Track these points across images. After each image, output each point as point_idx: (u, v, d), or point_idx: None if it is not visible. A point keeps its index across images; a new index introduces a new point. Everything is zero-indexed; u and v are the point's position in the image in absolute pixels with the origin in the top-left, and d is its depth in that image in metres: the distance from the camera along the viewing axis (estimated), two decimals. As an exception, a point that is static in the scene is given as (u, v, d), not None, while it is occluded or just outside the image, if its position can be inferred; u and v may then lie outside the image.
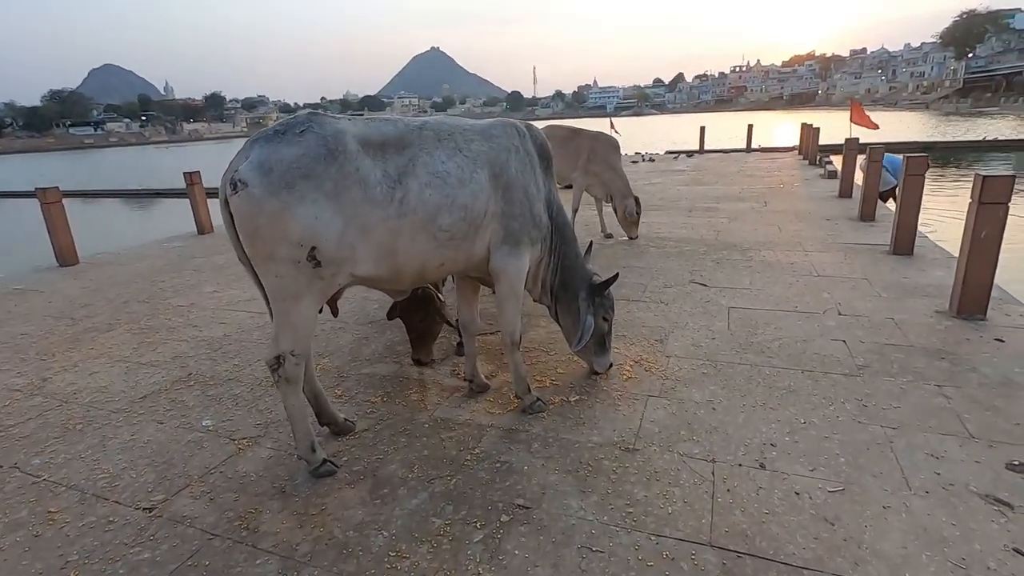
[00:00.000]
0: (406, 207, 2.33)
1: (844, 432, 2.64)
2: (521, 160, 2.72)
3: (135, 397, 3.38)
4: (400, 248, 2.38)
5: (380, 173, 2.29)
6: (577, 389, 3.19)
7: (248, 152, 2.14)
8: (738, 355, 3.51)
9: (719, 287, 4.84)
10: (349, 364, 3.70)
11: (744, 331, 3.88)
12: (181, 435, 2.93)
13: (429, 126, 2.51)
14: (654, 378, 3.27)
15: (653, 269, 5.51)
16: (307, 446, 2.47)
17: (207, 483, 2.51)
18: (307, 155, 2.13)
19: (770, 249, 6.00)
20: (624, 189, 6.67)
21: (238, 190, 2.08)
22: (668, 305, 4.48)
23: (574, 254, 3.06)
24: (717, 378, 3.23)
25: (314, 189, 2.13)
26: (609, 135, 6.95)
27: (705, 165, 15.17)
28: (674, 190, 10.81)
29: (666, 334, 3.91)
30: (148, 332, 4.47)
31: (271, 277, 2.21)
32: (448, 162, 2.46)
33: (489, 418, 2.95)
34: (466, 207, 2.49)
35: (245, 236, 2.16)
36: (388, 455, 2.66)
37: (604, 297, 3.07)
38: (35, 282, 6.23)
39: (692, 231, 7.11)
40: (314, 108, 31.70)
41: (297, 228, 2.12)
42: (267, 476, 2.54)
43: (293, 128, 2.18)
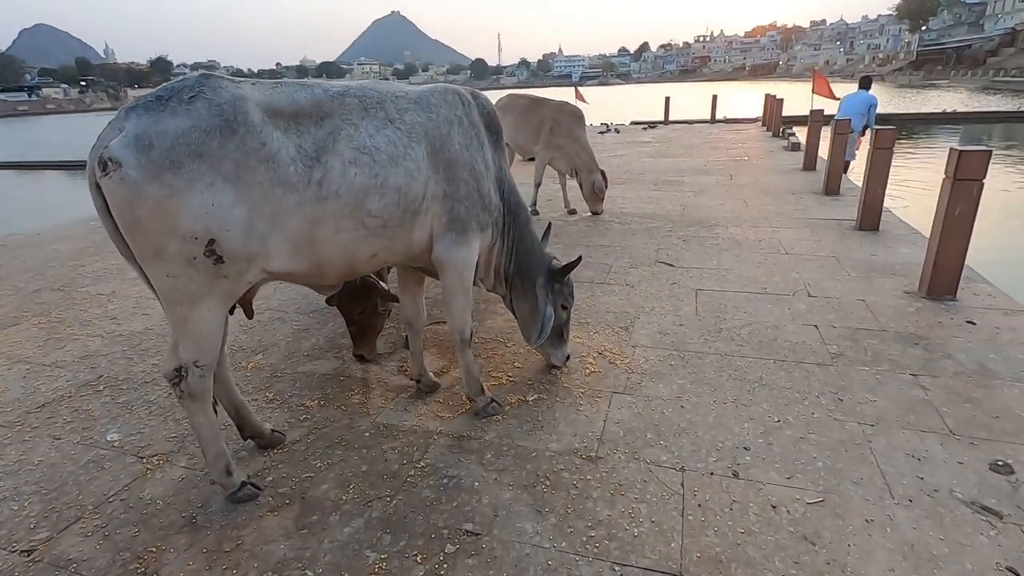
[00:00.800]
0: (326, 189, 1.96)
1: (821, 431, 2.45)
2: (466, 133, 2.37)
3: (31, 406, 2.94)
4: (321, 238, 2.01)
5: (293, 149, 1.90)
6: (536, 386, 2.92)
7: (123, 123, 1.72)
8: (707, 343, 3.30)
9: (686, 267, 4.62)
10: (285, 361, 3.33)
11: (713, 316, 3.66)
12: (80, 453, 2.53)
13: (353, 92, 2.11)
14: (619, 372, 3.03)
15: (618, 248, 5.25)
16: (221, 469, 2.13)
17: (103, 514, 2.15)
18: (198, 127, 1.73)
19: (737, 225, 5.81)
20: (590, 162, 6.36)
21: (109, 171, 1.68)
22: (634, 288, 4.24)
23: (530, 237, 2.74)
24: (685, 371, 3.01)
25: (209, 170, 1.75)
26: (573, 105, 6.58)
27: (670, 136, 14.96)
28: (639, 162, 10.56)
29: (632, 320, 3.66)
30: (58, 326, 3.98)
31: (162, 278, 1.82)
32: (377, 136, 2.09)
33: (438, 423, 2.65)
34: (400, 189, 2.13)
35: (124, 228, 1.77)
36: (321, 472, 2.34)
37: (563, 284, 2.79)
38: (-66, 268, 5.55)
39: (658, 206, 6.88)
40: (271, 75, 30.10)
41: (189, 218, 1.74)
42: (176, 503, 2.19)
43: (179, 94, 1.76)
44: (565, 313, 2.87)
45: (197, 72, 1.87)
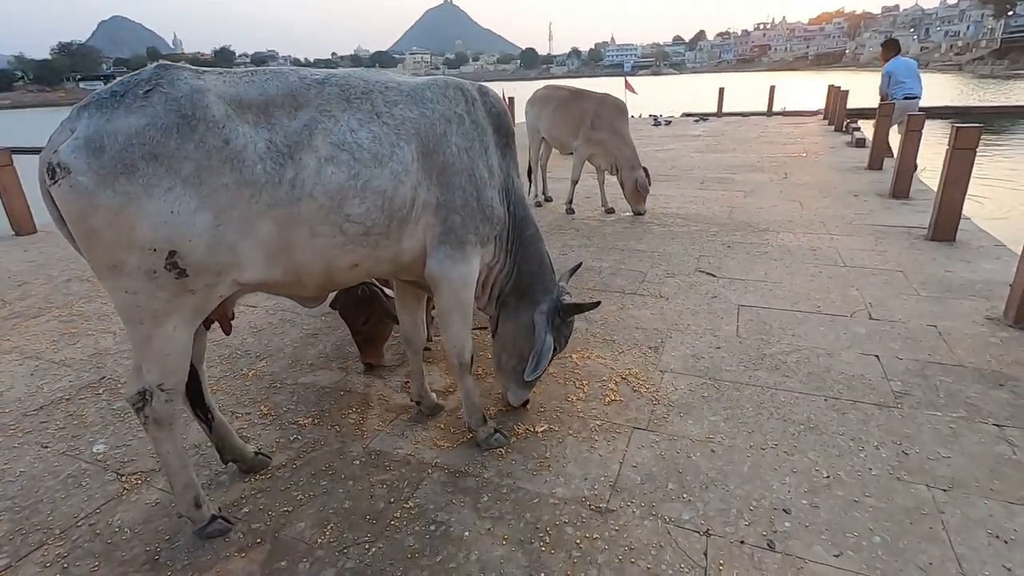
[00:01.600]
0: (299, 190, 1.72)
1: (880, 494, 2.06)
2: (466, 134, 2.07)
3: (30, 408, 2.87)
4: (296, 244, 1.78)
5: (263, 145, 1.67)
6: (548, 414, 2.62)
7: (74, 123, 1.52)
8: (747, 372, 2.91)
9: (729, 278, 4.20)
10: (287, 370, 3.16)
11: (756, 338, 3.26)
12: (62, 465, 2.42)
13: (335, 81, 1.86)
14: (643, 402, 2.69)
15: (655, 253, 4.85)
16: (189, 501, 1.94)
17: (68, 541, 2.00)
18: (153, 125, 1.53)
19: (790, 231, 5.30)
20: (632, 159, 5.96)
21: (58, 179, 1.49)
22: (668, 300, 3.86)
23: (537, 257, 2.41)
24: (720, 405, 2.64)
25: (167, 173, 1.54)
26: (616, 98, 6.17)
27: (723, 130, 14.18)
28: (687, 158, 9.99)
29: (663, 339, 3.30)
30: (77, 320, 3.96)
31: (120, 294, 1.63)
32: (360, 131, 1.83)
33: (434, 453, 2.40)
34: (384, 193, 1.86)
35: (79, 240, 1.58)
36: (301, 506, 2.13)
37: (566, 323, 2.44)
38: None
39: (703, 207, 6.40)
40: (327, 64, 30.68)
41: (147, 228, 1.54)
42: (144, 533, 2.03)
43: (135, 88, 1.56)
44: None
45: (155, 63, 1.66)
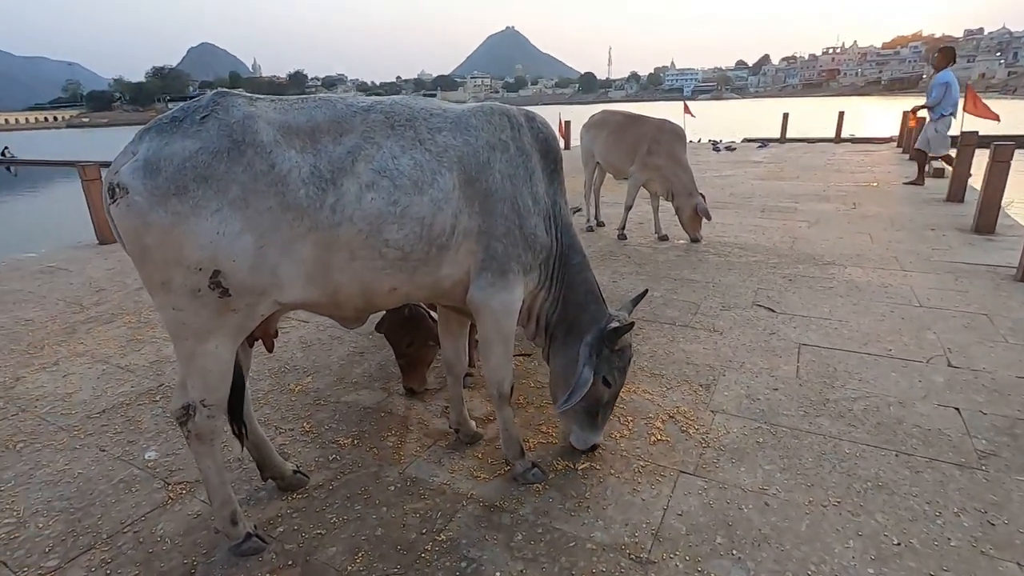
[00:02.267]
0: (340, 215, 1.74)
1: (960, 568, 1.83)
2: (511, 161, 2.05)
3: (93, 411, 3.02)
4: (335, 266, 1.80)
5: (308, 170, 1.71)
6: (589, 453, 2.51)
7: (136, 146, 1.62)
8: (808, 418, 2.71)
9: (790, 314, 3.97)
10: (332, 387, 3.19)
11: (818, 381, 3.04)
12: (116, 470, 2.51)
13: (380, 108, 1.89)
14: (691, 444, 2.54)
15: (711, 284, 4.66)
16: (226, 517, 1.96)
17: (114, 546, 2.06)
18: (205, 150, 1.59)
19: (858, 265, 4.98)
20: (690, 185, 5.81)
21: (117, 198, 1.57)
22: (723, 335, 3.68)
23: (583, 287, 2.32)
24: (776, 453, 2.46)
25: (215, 195, 1.60)
26: (674, 123, 6.06)
27: (786, 156, 13.68)
28: (747, 184, 9.66)
29: (715, 377, 3.14)
30: (143, 327, 4.17)
31: (168, 311, 1.69)
32: (402, 157, 1.84)
33: (470, 484, 2.34)
34: (423, 220, 1.86)
35: (133, 257, 1.66)
36: (334, 529, 2.11)
37: (616, 352, 2.29)
38: (68, 260, 6.18)
39: (763, 236, 6.14)
40: (391, 87, 32.01)
41: (194, 247, 1.60)
42: (183, 545, 2.06)
43: (193, 114, 1.64)
44: (607, 391, 2.30)
45: (214, 91, 1.74)
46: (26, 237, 11.68)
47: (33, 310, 4.62)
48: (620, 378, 2.32)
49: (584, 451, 2.43)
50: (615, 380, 2.30)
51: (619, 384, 2.33)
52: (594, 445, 2.41)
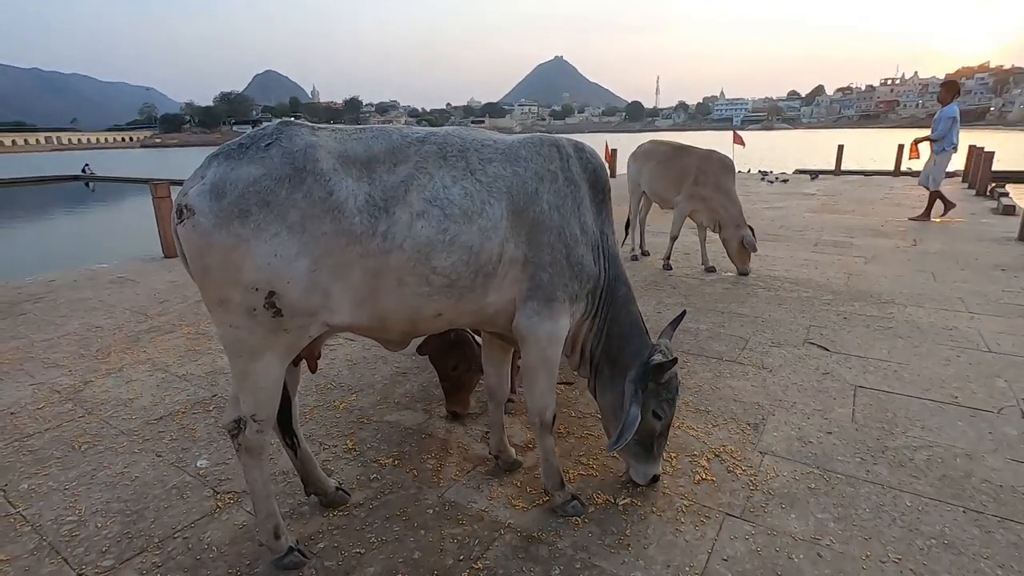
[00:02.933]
0: (391, 242, 1.79)
1: (1038, 643, 1.68)
2: (559, 191, 2.07)
3: (151, 417, 3.17)
4: (383, 291, 1.85)
5: (363, 198, 1.77)
6: (631, 487, 2.45)
7: (205, 170, 1.72)
8: (864, 466, 2.57)
9: (845, 354, 3.80)
10: (375, 406, 3.25)
11: (876, 427, 2.89)
12: (170, 476, 2.62)
13: (434, 139, 1.95)
14: (738, 485, 2.45)
15: (759, 319, 4.53)
16: (269, 531, 2.01)
17: (164, 551, 2.14)
18: (269, 176, 1.68)
19: (919, 305, 4.74)
20: (737, 217, 5.71)
21: (184, 218, 1.67)
22: (772, 373, 3.55)
23: (628, 319, 2.31)
24: (829, 500, 2.34)
25: (275, 219, 1.67)
26: (722, 154, 6.00)
27: (840, 189, 13.27)
28: (799, 217, 9.41)
29: (764, 417, 3.02)
30: (201, 339, 4.37)
31: (225, 328, 1.77)
32: (453, 187, 1.89)
33: (509, 513, 2.32)
34: (471, 248, 1.90)
35: (195, 276, 1.75)
36: (372, 549, 2.13)
37: (662, 385, 2.24)
38: (136, 272, 6.57)
39: (816, 271, 5.93)
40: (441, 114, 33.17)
41: (252, 268, 1.67)
42: (228, 555, 2.11)
43: (259, 141, 1.74)
44: (658, 424, 2.27)
45: (279, 120, 1.85)
46: (100, 249, 12.51)
47: (103, 318, 4.92)
48: (670, 409, 2.27)
49: (645, 484, 2.39)
50: (665, 412, 2.26)
51: (670, 415, 2.29)
52: (655, 476, 2.37)
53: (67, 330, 4.60)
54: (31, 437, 2.97)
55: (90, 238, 16.20)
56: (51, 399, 3.40)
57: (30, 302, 5.39)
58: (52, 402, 3.37)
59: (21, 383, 3.62)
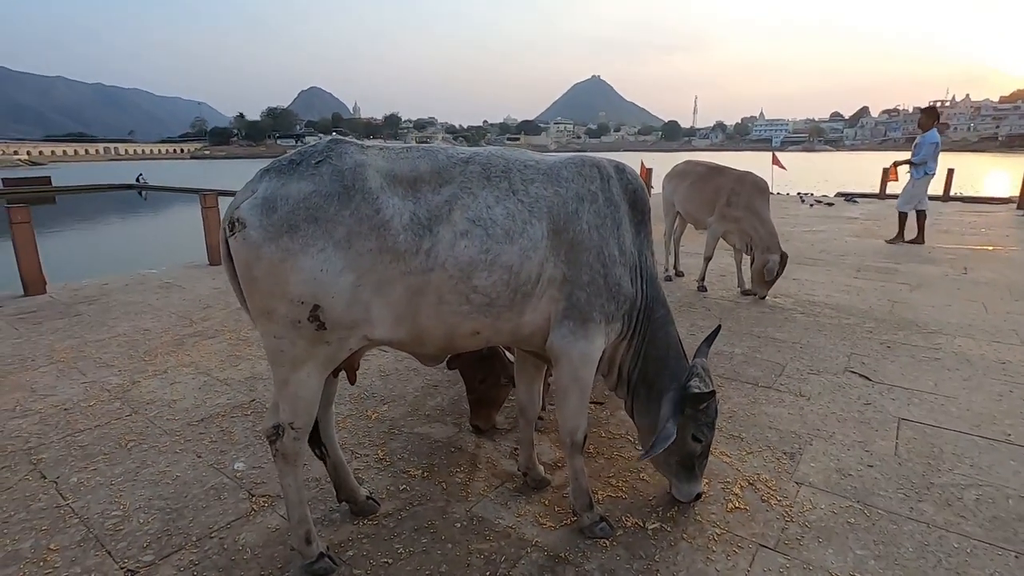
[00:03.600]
0: (433, 260, 1.83)
1: None
2: (599, 212, 2.09)
3: (193, 419, 3.29)
4: (423, 309, 1.89)
5: (408, 217, 1.82)
6: (661, 512, 2.42)
7: (256, 184, 1.80)
8: (908, 502, 2.46)
9: (887, 384, 3.67)
10: (406, 418, 3.29)
11: (921, 462, 2.77)
12: (208, 477, 2.70)
13: (479, 159, 1.99)
14: (772, 516, 2.38)
15: (797, 345, 4.42)
16: (301, 536, 2.05)
17: (201, 550, 2.21)
18: (318, 192, 1.74)
19: (969, 336, 4.54)
20: (768, 240, 5.59)
21: (236, 231, 1.74)
22: (810, 401, 3.46)
23: (664, 342, 2.29)
24: (870, 537, 2.25)
25: (322, 235, 1.73)
26: (757, 176, 5.91)
27: (884, 213, 12.85)
28: (840, 241, 9.15)
29: (801, 446, 2.94)
30: (241, 344, 4.52)
31: (269, 338, 1.83)
32: (496, 207, 1.92)
33: (536, 531, 2.31)
34: (511, 268, 1.92)
35: (243, 287, 1.82)
36: (400, 560, 2.15)
37: (699, 411, 2.21)
38: (182, 278, 6.85)
39: (858, 298, 5.76)
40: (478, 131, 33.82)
41: (298, 282, 1.73)
42: (261, 557, 2.17)
43: (309, 158, 1.81)
44: (698, 446, 2.27)
45: (329, 138, 1.92)
46: (150, 254, 13.09)
47: (151, 321, 5.14)
48: (710, 432, 2.27)
49: (688, 503, 2.39)
50: (704, 436, 2.26)
51: (710, 437, 2.29)
52: (698, 494, 2.38)
53: (118, 331, 4.82)
54: (81, 433, 3.12)
55: (141, 244, 16.99)
56: (101, 397, 3.57)
57: (85, 304, 5.67)
58: (102, 400, 3.53)
59: (74, 380, 3.81)
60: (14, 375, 3.90)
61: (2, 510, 2.44)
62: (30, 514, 2.43)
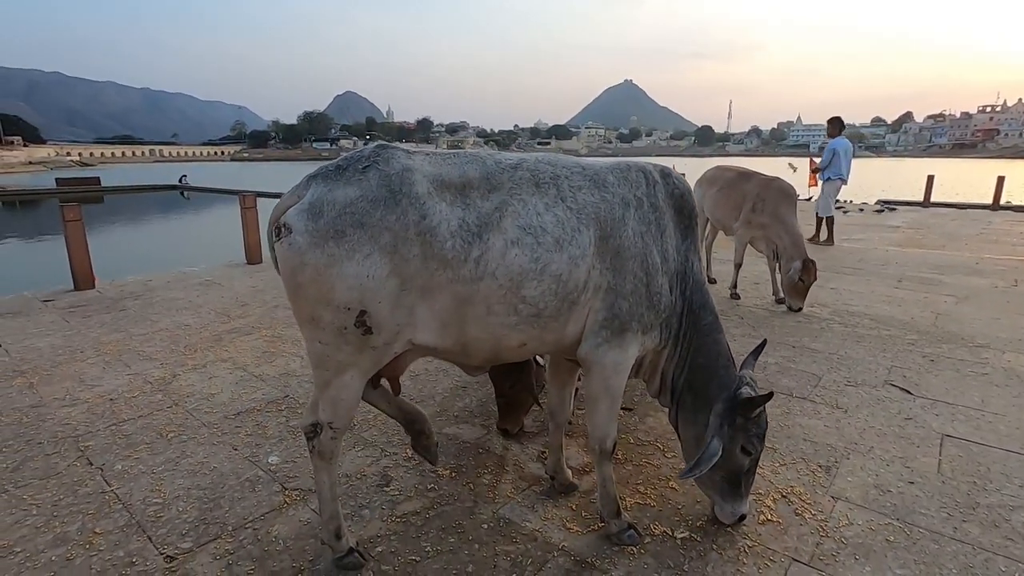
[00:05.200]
0: (483, 269, 1.82)
1: None
2: (644, 218, 2.07)
3: (230, 412, 3.39)
4: (470, 319, 1.88)
5: (456, 223, 1.81)
6: (690, 521, 2.38)
7: (303, 190, 1.82)
8: (951, 522, 2.37)
9: (930, 399, 3.53)
10: (434, 418, 3.32)
11: (966, 481, 2.66)
12: (244, 469, 2.78)
13: (527, 165, 1.98)
14: (806, 530, 2.32)
15: (834, 356, 4.30)
16: (332, 531, 2.09)
17: (236, 540, 2.27)
18: (365, 198, 1.74)
19: (1019, 351, 4.34)
20: (792, 248, 5.44)
21: (282, 236, 1.76)
22: (848, 413, 3.36)
23: (713, 350, 2.23)
24: (910, 556, 2.17)
25: (368, 241, 1.73)
26: (784, 181, 5.79)
27: (929, 222, 12.39)
28: (880, 251, 8.86)
29: (837, 459, 2.86)
30: (276, 341, 4.64)
31: (314, 343, 1.85)
32: (545, 214, 1.91)
33: (562, 535, 2.31)
34: (559, 277, 1.91)
35: (288, 292, 1.84)
36: (427, 558, 2.17)
37: (751, 420, 2.11)
38: (222, 276, 7.06)
39: (899, 309, 5.56)
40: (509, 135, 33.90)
41: (344, 289, 1.73)
42: (293, 550, 2.22)
43: (356, 163, 1.82)
44: (747, 459, 2.15)
45: (376, 143, 1.95)
46: (191, 253, 13.54)
47: (191, 317, 5.32)
48: (760, 444, 2.16)
49: (731, 524, 2.29)
50: (755, 448, 2.14)
51: (759, 450, 2.18)
52: (742, 516, 2.26)
53: (160, 326, 5.00)
54: (126, 422, 3.25)
55: (183, 243, 17.59)
56: (144, 389, 3.71)
57: (130, 299, 5.91)
58: (145, 391, 3.67)
59: (119, 372, 3.97)
60: (65, 365, 4.08)
61: (52, 494, 2.56)
62: (77, 499, 2.54)
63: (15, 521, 2.37)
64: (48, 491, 2.58)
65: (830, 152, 8.88)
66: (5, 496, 2.54)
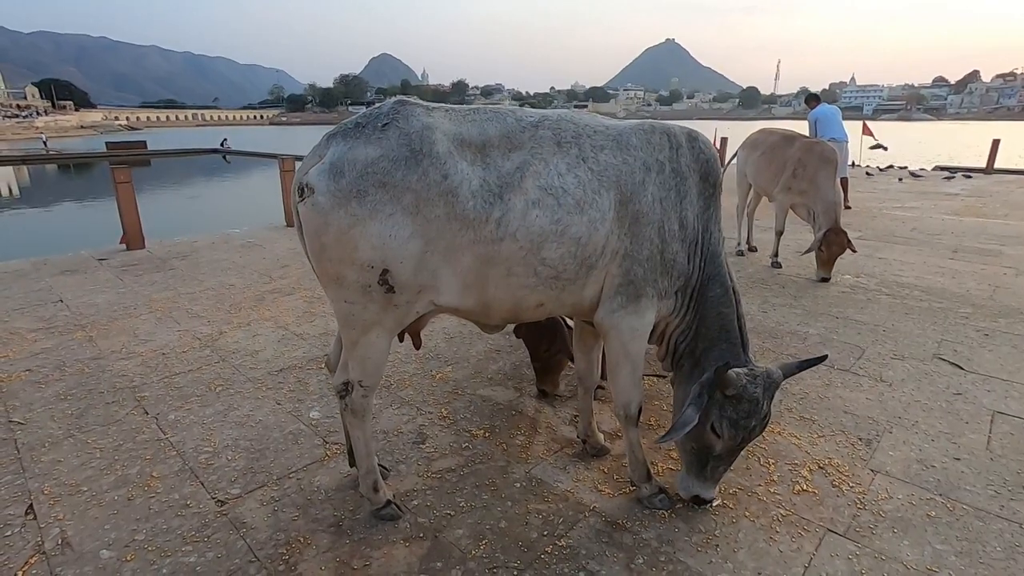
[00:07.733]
0: (504, 230, 1.81)
1: None
2: (664, 183, 2.00)
3: (273, 369, 3.52)
4: (492, 280, 1.88)
5: (478, 183, 1.79)
6: (723, 487, 2.37)
7: (324, 150, 1.79)
8: (998, 500, 2.30)
9: (982, 374, 3.39)
10: (469, 380, 3.38)
11: (1017, 459, 2.56)
12: (287, 423, 2.90)
13: (548, 123, 1.93)
14: (843, 501, 2.29)
15: (879, 328, 4.14)
16: (369, 485, 2.17)
17: (281, 488, 2.39)
18: (386, 157, 1.73)
19: (1085, 328, 4.10)
20: (822, 216, 5.21)
21: (305, 197, 1.76)
22: (892, 387, 3.25)
23: (717, 323, 2.12)
24: (952, 532, 2.12)
25: (391, 201, 1.72)
26: (826, 145, 5.50)
27: (990, 190, 11.65)
28: (935, 220, 8.40)
29: (879, 433, 2.79)
30: (316, 302, 4.76)
31: (340, 303, 1.88)
32: (567, 175, 1.87)
33: (594, 496, 2.34)
34: (579, 240, 1.88)
35: (311, 253, 1.85)
36: (462, 513, 2.24)
37: (729, 398, 1.93)
38: (263, 238, 7.25)
39: (952, 281, 5.30)
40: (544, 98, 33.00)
41: (367, 248, 1.74)
42: (335, 499, 2.32)
43: (375, 121, 1.79)
44: (717, 442, 1.99)
45: (394, 99, 1.90)
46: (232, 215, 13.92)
47: (235, 277, 5.50)
48: (731, 431, 1.94)
49: (686, 499, 2.18)
50: (723, 432, 1.95)
51: (730, 439, 1.97)
52: (697, 498, 2.13)
53: (206, 286, 5.20)
54: (177, 376, 3.42)
55: (225, 205, 18.06)
56: (193, 344, 3.88)
57: (178, 259, 6.14)
58: (194, 347, 3.84)
59: (170, 328, 4.16)
60: (119, 320, 4.30)
61: (113, 440, 2.74)
62: (136, 445, 2.71)
63: (81, 463, 2.55)
64: (109, 437, 2.76)
65: (811, 123, 8.85)
66: (71, 440, 2.73)
